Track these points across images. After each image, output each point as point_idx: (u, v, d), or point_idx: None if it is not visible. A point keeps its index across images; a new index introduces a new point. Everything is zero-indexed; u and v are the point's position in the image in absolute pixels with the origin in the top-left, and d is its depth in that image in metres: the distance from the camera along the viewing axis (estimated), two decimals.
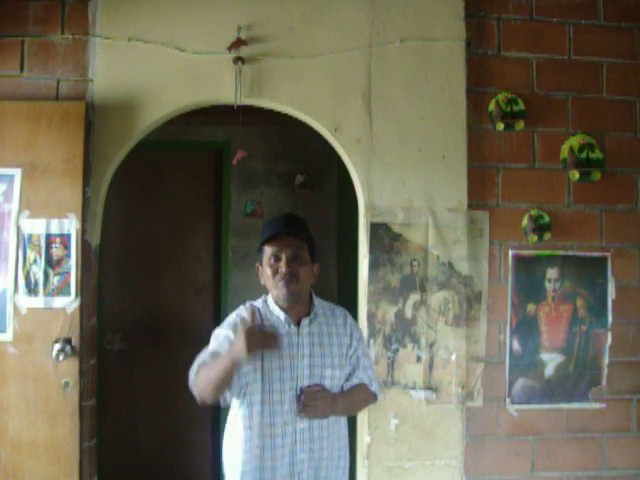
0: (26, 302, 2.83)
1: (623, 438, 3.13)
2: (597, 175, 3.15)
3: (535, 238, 3.09)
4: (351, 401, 2.18)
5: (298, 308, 2.13)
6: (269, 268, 2.09)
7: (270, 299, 2.17)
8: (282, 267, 2.06)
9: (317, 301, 2.20)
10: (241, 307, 2.19)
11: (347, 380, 2.19)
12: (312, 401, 2.03)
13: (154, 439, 4.19)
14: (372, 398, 2.27)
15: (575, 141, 3.14)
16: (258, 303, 2.19)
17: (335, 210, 4.49)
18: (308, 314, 2.15)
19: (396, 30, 3.06)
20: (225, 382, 1.92)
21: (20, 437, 2.78)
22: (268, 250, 2.10)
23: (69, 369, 2.80)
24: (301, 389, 2.05)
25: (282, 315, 2.12)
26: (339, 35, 3.04)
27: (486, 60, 3.14)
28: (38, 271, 2.84)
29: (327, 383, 2.10)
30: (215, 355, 1.99)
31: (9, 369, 2.80)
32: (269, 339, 1.88)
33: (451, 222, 3.01)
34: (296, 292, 2.08)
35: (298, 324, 2.12)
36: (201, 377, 1.97)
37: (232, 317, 2.15)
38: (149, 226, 4.30)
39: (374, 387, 2.25)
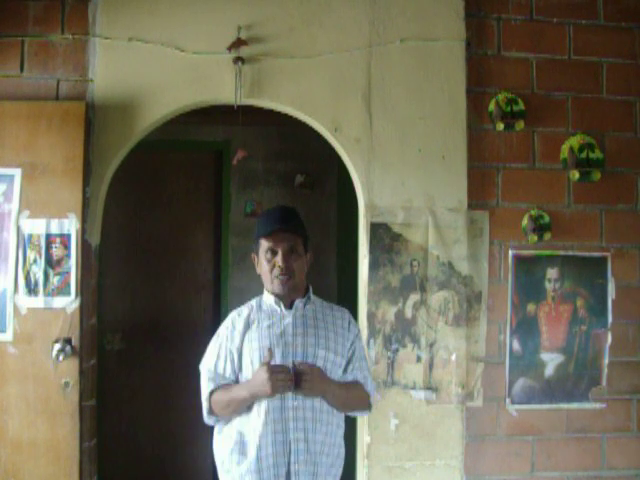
0: (26, 302, 2.83)
1: (623, 438, 3.13)
2: (597, 175, 3.15)
3: (535, 238, 3.09)
4: (345, 392, 2.15)
5: (293, 295, 2.20)
6: (266, 261, 2.17)
7: (265, 292, 2.24)
8: (279, 261, 2.14)
9: (314, 296, 2.26)
10: (236, 309, 2.28)
11: (343, 376, 2.18)
12: (305, 375, 2.02)
13: (154, 439, 4.19)
14: (366, 399, 2.23)
15: (575, 141, 3.14)
16: (253, 301, 2.26)
17: (335, 210, 4.49)
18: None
19: (396, 30, 3.06)
20: (243, 408, 2.10)
21: (20, 437, 2.78)
22: (265, 244, 2.17)
23: (69, 369, 2.80)
24: (293, 362, 2.06)
25: (272, 299, 2.19)
26: (339, 35, 3.04)
27: (486, 60, 3.15)
28: (38, 271, 2.84)
29: (320, 363, 2.10)
30: (218, 375, 2.16)
31: (9, 369, 2.80)
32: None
33: (451, 222, 3.01)
34: (292, 286, 2.16)
35: (291, 307, 2.18)
36: (219, 405, 2.14)
37: (228, 319, 2.25)
38: (149, 226, 4.30)
39: (369, 387, 2.23)
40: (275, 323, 2.15)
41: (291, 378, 2.01)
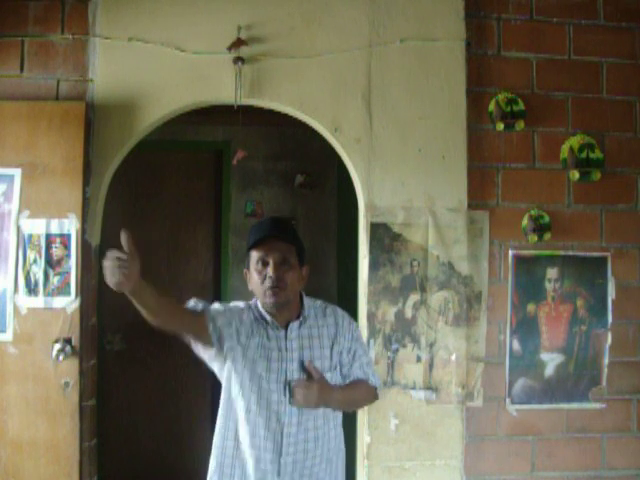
0: (26, 302, 2.83)
1: (623, 438, 3.13)
2: (597, 175, 3.15)
3: (535, 238, 3.09)
4: (350, 394, 2.15)
5: (287, 313, 2.10)
6: (256, 273, 2.05)
7: (260, 305, 2.15)
8: (270, 272, 2.02)
9: (307, 302, 2.17)
10: (241, 303, 2.21)
11: (344, 380, 2.17)
12: (302, 388, 2.00)
13: (154, 439, 4.19)
14: (372, 393, 2.24)
15: (575, 141, 3.14)
16: (253, 302, 2.19)
17: (335, 210, 4.49)
18: (297, 317, 2.12)
19: (396, 30, 3.06)
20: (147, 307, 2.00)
21: (20, 437, 2.78)
22: (255, 255, 2.06)
23: (69, 369, 2.80)
24: (289, 382, 2.03)
25: (269, 318, 2.10)
26: (339, 35, 3.04)
27: (486, 60, 3.14)
28: (38, 271, 2.84)
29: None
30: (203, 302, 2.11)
31: (9, 369, 2.80)
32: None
33: (451, 222, 3.01)
34: (284, 299, 2.05)
35: (287, 328, 2.10)
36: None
37: (237, 303, 2.19)
38: (149, 226, 4.30)
39: (373, 381, 2.21)
40: (272, 347, 2.07)
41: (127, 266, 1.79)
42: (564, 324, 3.11)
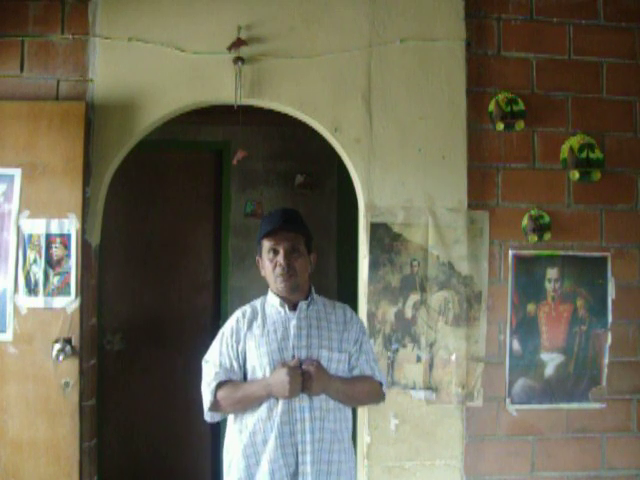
0: (26, 302, 2.83)
1: (623, 438, 3.13)
2: (597, 175, 3.15)
3: (535, 238, 3.09)
4: (351, 387, 2.18)
5: (296, 296, 2.23)
6: (268, 261, 2.21)
7: (269, 293, 2.28)
8: (280, 260, 2.17)
9: (316, 295, 2.29)
10: (241, 308, 2.31)
11: (351, 371, 2.23)
12: (305, 374, 2.07)
13: (154, 439, 4.19)
14: (377, 388, 2.26)
15: (575, 141, 3.14)
16: (257, 302, 2.30)
17: (335, 210, 4.49)
18: (306, 299, 2.25)
19: (396, 30, 3.06)
20: (254, 405, 2.12)
21: (20, 437, 2.79)
22: (266, 244, 2.21)
23: (69, 369, 2.80)
24: (300, 360, 2.11)
25: (277, 300, 2.22)
26: (339, 35, 3.04)
27: (486, 60, 3.15)
28: (38, 271, 2.84)
29: (325, 364, 2.14)
30: (224, 369, 2.18)
31: (9, 369, 2.81)
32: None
33: (451, 222, 3.01)
34: (294, 284, 2.19)
35: (295, 308, 2.21)
36: (227, 400, 2.15)
37: (233, 317, 2.29)
38: (149, 226, 4.30)
39: (378, 377, 2.26)
40: (280, 326, 2.18)
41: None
42: (564, 324, 3.11)
